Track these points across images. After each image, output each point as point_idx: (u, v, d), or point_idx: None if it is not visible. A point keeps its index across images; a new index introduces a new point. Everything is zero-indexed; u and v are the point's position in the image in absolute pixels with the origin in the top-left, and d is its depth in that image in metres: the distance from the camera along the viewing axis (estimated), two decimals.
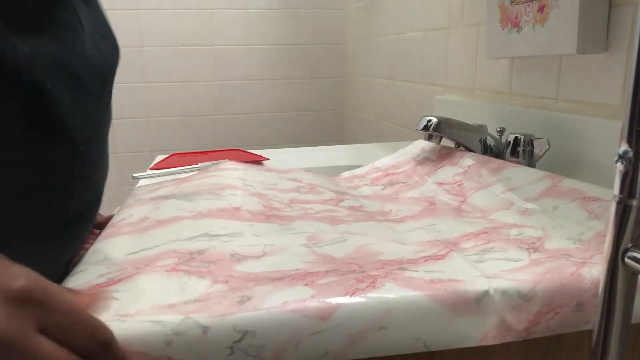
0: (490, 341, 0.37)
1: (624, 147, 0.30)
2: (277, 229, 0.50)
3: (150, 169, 0.81)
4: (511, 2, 0.74)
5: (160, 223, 0.51)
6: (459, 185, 0.64)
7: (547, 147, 0.64)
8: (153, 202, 0.58)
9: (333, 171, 0.87)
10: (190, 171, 0.77)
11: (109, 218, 0.60)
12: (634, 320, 0.33)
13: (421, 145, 0.78)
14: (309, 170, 0.79)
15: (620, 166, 0.30)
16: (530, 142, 0.66)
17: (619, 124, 0.56)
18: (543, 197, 0.54)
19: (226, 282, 0.38)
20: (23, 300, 0.27)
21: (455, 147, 0.74)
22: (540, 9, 0.68)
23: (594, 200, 0.50)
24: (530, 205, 0.54)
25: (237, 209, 0.54)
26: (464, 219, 0.55)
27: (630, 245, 0.31)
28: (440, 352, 0.39)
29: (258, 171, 0.72)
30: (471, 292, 0.37)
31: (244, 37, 1.82)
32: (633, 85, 0.29)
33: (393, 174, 0.74)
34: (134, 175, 0.78)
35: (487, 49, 0.82)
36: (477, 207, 0.58)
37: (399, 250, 0.45)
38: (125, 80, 1.75)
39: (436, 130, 0.69)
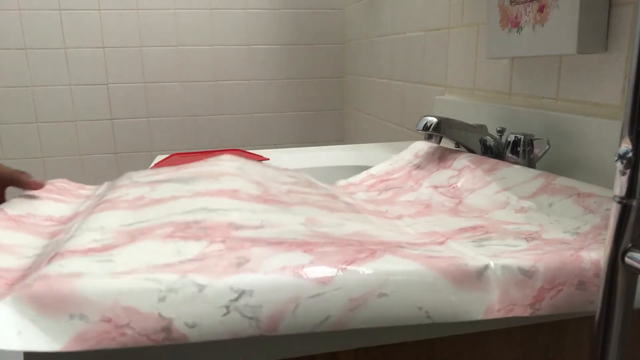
0: (495, 314, 0.36)
1: (624, 147, 0.30)
2: (275, 210, 0.49)
3: (150, 169, 0.81)
4: (511, 2, 0.74)
5: (157, 201, 0.50)
6: (454, 187, 0.64)
7: (547, 147, 0.64)
8: (149, 185, 0.58)
9: (333, 171, 0.87)
10: None
11: (16, 173, 0.56)
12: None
13: (415, 150, 0.78)
14: (309, 169, 0.79)
15: (620, 166, 0.30)
16: (530, 142, 0.66)
17: (619, 124, 0.56)
18: (538, 195, 0.55)
19: (223, 242, 0.38)
20: None
21: (455, 147, 0.74)
22: (540, 9, 0.68)
23: (589, 196, 0.50)
24: (526, 204, 0.55)
25: (235, 190, 0.54)
26: (460, 217, 0.55)
27: (630, 245, 0.31)
28: (441, 340, 0.39)
29: (257, 164, 0.72)
30: (472, 265, 0.37)
31: (244, 37, 1.82)
32: (633, 85, 0.29)
33: (388, 179, 0.74)
34: None
35: (487, 49, 0.82)
36: (473, 208, 0.58)
37: (398, 236, 0.45)
38: (125, 80, 1.76)
39: (436, 130, 0.69)
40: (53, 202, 0.57)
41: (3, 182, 0.56)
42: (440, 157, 0.72)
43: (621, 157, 0.30)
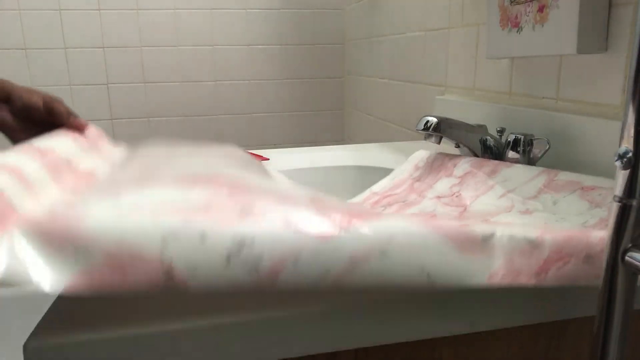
0: (499, 281, 0.36)
1: (624, 147, 0.30)
2: (282, 182, 0.49)
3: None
4: (511, 2, 0.74)
5: (169, 157, 0.51)
6: (457, 196, 0.64)
7: (547, 147, 0.64)
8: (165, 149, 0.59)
9: (333, 171, 0.87)
10: None
11: (49, 98, 0.55)
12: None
13: (415, 161, 0.78)
14: (309, 169, 0.79)
15: (620, 166, 0.30)
16: (530, 142, 0.66)
17: (619, 124, 0.56)
18: (542, 194, 0.55)
19: (229, 195, 0.38)
20: None
21: (455, 147, 0.74)
22: (540, 9, 0.68)
23: (593, 189, 0.49)
24: (530, 205, 0.55)
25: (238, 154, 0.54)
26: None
27: (630, 245, 0.31)
28: (441, 340, 0.39)
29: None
30: (477, 232, 0.36)
31: (244, 37, 1.82)
32: (633, 85, 0.29)
33: (391, 195, 0.74)
34: None
35: (487, 49, 0.82)
36: (478, 214, 0.58)
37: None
38: (125, 80, 1.76)
39: (436, 130, 0.69)
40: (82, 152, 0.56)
41: (32, 111, 0.55)
42: (441, 165, 0.72)
43: (621, 157, 0.30)
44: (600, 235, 0.38)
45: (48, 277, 0.30)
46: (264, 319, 0.36)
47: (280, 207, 0.36)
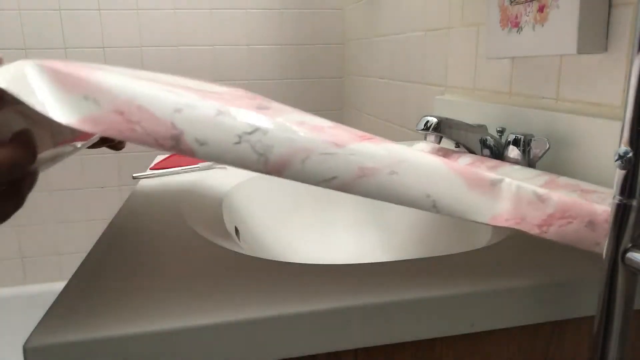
0: (503, 223, 0.36)
1: (624, 147, 0.30)
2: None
3: (150, 168, 0.81)
4: (511, 2, 0.74)
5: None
6: None
7: (547, 147, 0.64)
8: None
9: None
10: (190, 171, 0.77)
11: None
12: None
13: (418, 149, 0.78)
14: None
15: (620, 166, 0.30)
16: (530, 142, 0.66)
17: (619, 124, 0.56)
18: None
19: (246, 97, 0.38)
20: None
21: (455, 147, 0.74)
22: (540, 9, 0.68)
23: (593, 192, 0.50)
24: None
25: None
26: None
27: (630, 245, 0.31)
28: (441, 339, 0.39)
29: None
30: (487, 175, 0.37)
31: (244, 37, 1.82)
32: (633, 85, 0.29)
33: None
34: (134, 175, 0.78)
35: (487, 49, 0.82)
36: None
37: None
38: None
39: (436, 130, 0.69)
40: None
41: None
42: (444, 155, 0.72)
43: (621, 157, 0.30)
44: (604, 208, 0.39)
45: (54, 105, 0.30)
46: (263, 319, 0.36)
47: (297, 113, 0.37)
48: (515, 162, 0.66)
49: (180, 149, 0.32)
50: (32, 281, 1.83)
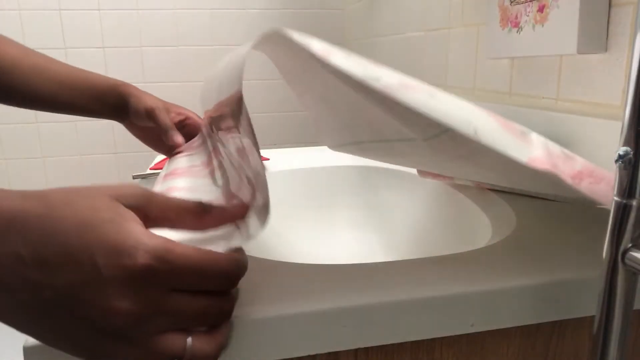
0: (540, 165, 0.35)
1: (624, 147, 0.30)
2: None
3: (150, 169, 0.81)
4: (511, 2, 0.74)
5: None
6: None
7: None
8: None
9: (333, 171, 0.87)
10: None
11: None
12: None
13: None
14: (309, 169, 0.79)
15: (620, 166, 0.30)
16: None
17: (619, 124, 0.56)
18: None
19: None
20: (147, 278, 0.26)
21: None
22: (540, 9, 0.68)
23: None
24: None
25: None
26: None
27: (630, 245, 0.31)
28: (441, 339, 0.39)
29: None
30: (517, 125, 0.37)
31: (244, 37, 1.82)
32: (633, 86, 0.29)
33: None
34: (133, 175, 0.78)
35: (487, 49, 0.82)
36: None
37: None
38: (126, 80, 1.75)
39: None
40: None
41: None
42: None
43: (621, 157, 0.30)
44: None
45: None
46: (263, 319, 0.36)
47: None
48: None
49: None
50: None
